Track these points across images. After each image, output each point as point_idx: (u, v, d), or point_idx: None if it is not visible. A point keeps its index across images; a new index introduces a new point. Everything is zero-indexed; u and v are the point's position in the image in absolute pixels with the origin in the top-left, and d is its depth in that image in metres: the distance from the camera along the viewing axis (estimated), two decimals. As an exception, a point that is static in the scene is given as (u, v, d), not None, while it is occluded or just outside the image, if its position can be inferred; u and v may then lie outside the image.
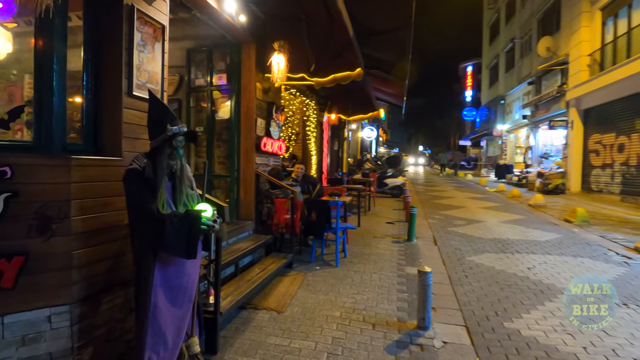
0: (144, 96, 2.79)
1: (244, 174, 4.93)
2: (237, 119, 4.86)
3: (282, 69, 4.13)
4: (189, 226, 2.23)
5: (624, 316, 3.57)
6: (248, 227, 4.81)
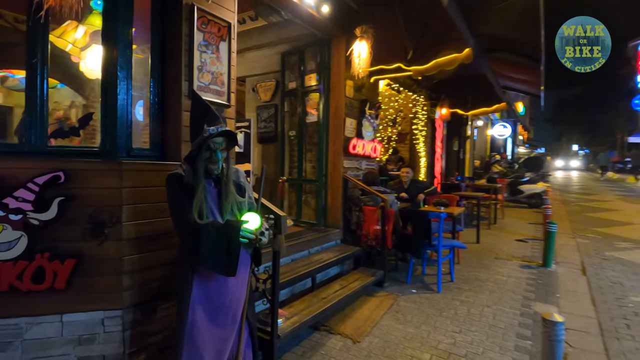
0: (207, 98, 2.67)
1: (331, 178, 4.57)
2: (325, 120, 4.53)
3: (365, 57, 3.61)
4: (227, 239, 1.94)
5: None
6: (334, 236, 4.42)
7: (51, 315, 2.11)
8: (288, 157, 5.14)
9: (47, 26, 2.25)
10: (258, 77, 5.51)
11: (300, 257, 3.81)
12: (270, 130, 5.36)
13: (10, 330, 2.05)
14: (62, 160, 2.13)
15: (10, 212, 1.94)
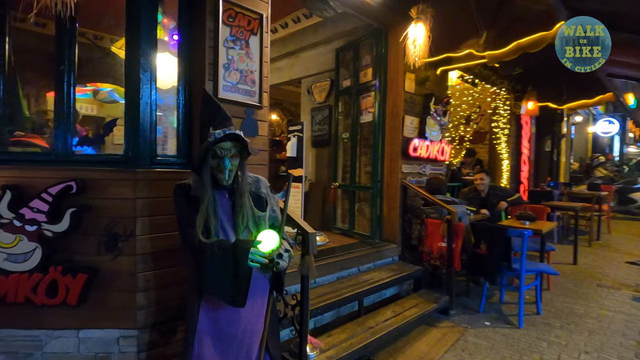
0: (234, 99, 2.44)
1: (388, 185, 4.04)
2: (381, 119, 4.03)
3: (422, 44, 3.03)
4: (235, 262, 1.64)
5: None
6: (390, 252, 3.89)
7: (67, 329, 2.03)
8: (341, 161, 4.74)
9: (73, 33, 2.21)
10: (313, 77, 5.22)
11: (348, 275, 3.38)
12: (324, 133, 5.02)
13: (31, 342, 2.01)
14: (74, 168, 2.04)
15: (26, 223, 1.89)
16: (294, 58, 5.45)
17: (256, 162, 2.58)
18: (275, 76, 5.78)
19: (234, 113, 2.45)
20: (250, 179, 1.90)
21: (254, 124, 2.54)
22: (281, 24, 5.30)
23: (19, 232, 1.88)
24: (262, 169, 2.60)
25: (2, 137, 2.17)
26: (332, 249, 3.76)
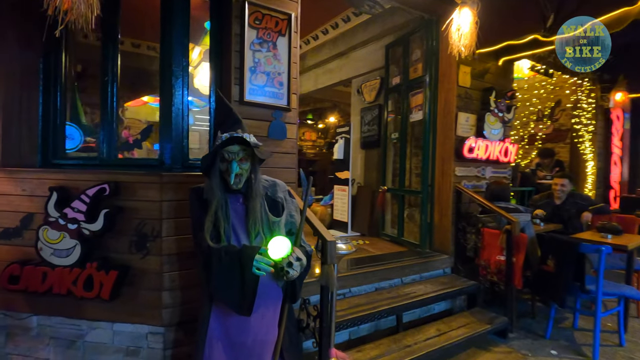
0: (261, 102, 2.42)
1: (439, 189, 3.70)
2: (432, 117, 3.71)
3: (468, 31, 2.68)
4: (241, 268, 1.60)
5: None
6: (441, 264, 3.55)
7: (104, 322, 2.17)
8: (391, 163, 4.48)
9: (115, 45, 2.39)
10: (363, 76, 5.05)
11: (388, 286, 3.15)
12: (373, 133, 4.81)
13: (74, 330, 2.20)
14: (109, 172, 2.18)
15: (69, 222, 2.07)
16: (344, 58, 5.34)
17: (284, 165, 2.53)
18: (327, 78, 5.73)
19: (261, 116, 2.44)
20: (267, 183, 1.85)
21: (281, 126, 2.49)
22: (331, 25, 5.22)
23: (63, 230, 2.07)
24: (290, 173, 2.54)
25: (57, 145, 2.42)
26: (372, 257, 3.56)
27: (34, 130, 2.37)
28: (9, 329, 2.22)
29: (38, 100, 2.37)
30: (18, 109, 2.28)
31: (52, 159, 2.42)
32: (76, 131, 2.53)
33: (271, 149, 2.46)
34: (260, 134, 2.43)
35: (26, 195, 2.18)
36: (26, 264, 2.11)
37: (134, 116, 5.70)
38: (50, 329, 2.21)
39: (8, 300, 2.18)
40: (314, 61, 5.85)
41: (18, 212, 2.19)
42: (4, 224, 2.20)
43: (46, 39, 2.29)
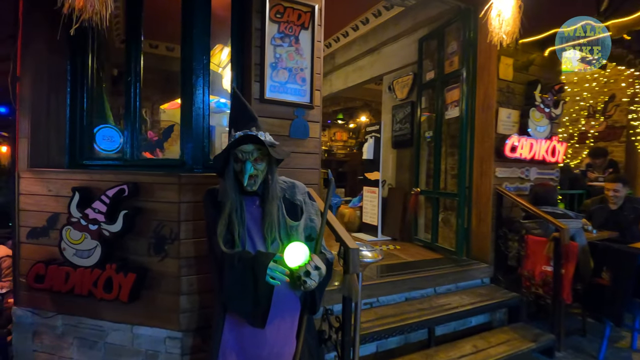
0: (282, 99, 2.30)
1: (477, 192, 3.41)
2: (469, 114, 3.43)
3: (510, 17, 2.40)
4: (254, 277, 1.49)
5: None
6: (479, 273, 3.26)
7: (123, 324, 2.15)
8: (425, 163, 4.22)
9: (139, 46, 2.38)
10: (394, 73, 4.82)
11: (420, 296, 2.92)
12: (405, 132, 4.57)
13: (97, 331, 2.19)
14: (129, 172, 2.16)
15: (90, 222, 2.06)
16: (375, 55, 5.13)
17: (306, 166, 2.40)
18: (357, 75, 5.55)
19: (283, 114, 2.32)
20: (285, 185, 1.73)
21: (304, 125, 2.36)
22: (362, 20, 5.04)
23: (85, 231, 2.07)
24: (312, 174, 2.41)
25: (83, 146, 2.45)
26: (403, 263, 3.34)
27: (62, 132, 2.41)
28: (35, 327, 2.26)
29: (66, 102, 2.41)
30: (46, 110, 2.32)
31: (80, 160, 2.45)
32: (116, 133, 2.54)
33: (292, 148, 2.34)
34: (282, 133, 2.31)
35: (52, 196, 2.21)
36: (50, 264, 2.13)
37: (171, 118, 5.85)
38: (74, 329, 2.22)
39: (35, 299, 2.22)
40: (344, 59, 5.68)
41: (45, 212, 2.22)
42: (32, 224, 2.24)
43: (73, 41, 2.33)
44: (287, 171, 2.27)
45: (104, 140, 2.46)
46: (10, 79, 2.23)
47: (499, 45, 2.61)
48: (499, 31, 2.43)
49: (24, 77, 2.23)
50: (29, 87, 2.24)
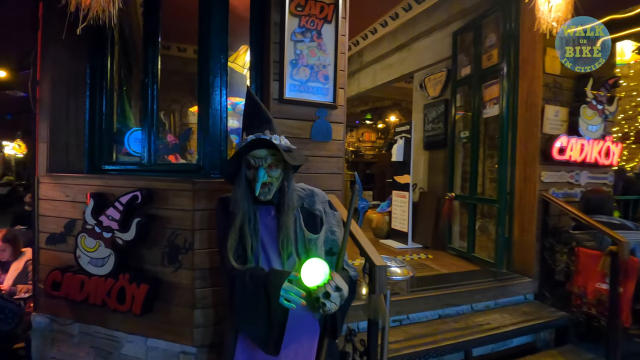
0: (303, 99, 2.14)
1: (520, 198, 3.08)
2: (510, 112, 3.11)
3: (562, 2, 2.09)
4: (266, 298, 1.34)
5: None
6: (522, 288, 2.94)
7: (137, 335, 2.07)
8: (460, 166, 3.92)
9: (156, 48, 2.29)
10: (426, 69, 4.53)
11: (455, 314, 2.65)
12: (438, 132, 4.27)
13: (112, 341, 2.12)
14: (143, 178, 2.07)
15: (104, 230, 1.99)
16: (405, 51, 4.87)
17: (329, 170, 2.22)
18: (386, 74, 5.30)
19: (303, 115, 2.16)
20: (303, 193, 1.55)
21: (326, 126, 2.19)
22: (391, 16, 4.79)
23: (99, 238, 2.00)
24: (335, 179, 2.23)
25: (102, 150, 2.40)
26: (436, 276, 3.08)
27: (81, 136, 2.37)
28: (54, 334, 2.23)
29: (85, 105, 2.37)
30: (65, 114, 2.29)
31: (99, 164, 2.41)
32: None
33: (314, 152, 2.17)
34: (302, 136, 2.15)
35: (69, 201, 2.16)
36: (67, 271, 2.08)
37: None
38: (90, 338, 2.16)
39: (53, 305, 2.18)
40: (372, 57, 5.45)
41: (62, 218, 2.18)
42: (50, 229, 2.21)
43: (92, 44, 2.28)
44: (307, 177, 2.11)
45: (136, 143, 2.41)
46: (31, 84, 2.21)
47: (547, 34, 2.32)
48: (548, 17, 2.13)
49: (43, 81, 2.21)
50: (48, 91, 2.21)
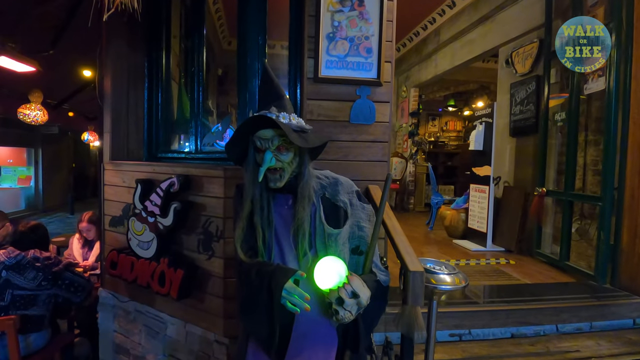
0: (341, 76, 1.92)
1: (632, 195, 2.39)
2: (621, 86, 2.42)
3: None
4: (270, 297, 1.20)
5: None
6: (631, 310, 2.28)
7: (177, 319, 2.11)
8: (554, 155, 3.24)
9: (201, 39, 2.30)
10: (513, 42, 3.85)
11: (533, 334, 2.15)
12: (528, 115, 3.60)
13: (159, 322, 2.22)
14: (182, 165, 2.09)
15: (149, 215, 2.07)
16: (488, 23, 4.21)
17: (371, 157, 1.96)
18: (466, 51, 4.69)
19: (341, 95, 1.94)
20: (326, 181, 1.35)
21: (368, 106, 1.93)
22: (471, -16, 4.21)
23: (145, 222, 2.08)
24: (379, 167, 1.96)
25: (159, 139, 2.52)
26: (515, 286, 2.60)
27: (140, 126, 2.52)
28: (115, 310, 2.42)
29: (144, 98, 2.51)
30: (126, 107, 2.45)
31: (156, 153, 2.54)
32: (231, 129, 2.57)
33: (354, 136, 1.94)
34: (341, 118, 1.93)
35: (126, 187, 2.31)
36: (121, 252, 2.22)
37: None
38: (143, 317, 2.29)
39: (113, 283, 2.37)
40: (450, 34, 4.87)
41: (120, 202, 2.34)
42: (112, 212, 2.40)
43: (150, 39, 2.39)
44: (345, 164, 1.90)
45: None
46: (97, 79, 2.41)
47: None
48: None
49: (106, 75, 2.39)
50: (110, 85, 2.39)
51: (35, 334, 2.28)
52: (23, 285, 2.19)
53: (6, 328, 2.02)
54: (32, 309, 2.23)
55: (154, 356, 2.26)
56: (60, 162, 11.70)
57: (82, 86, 5.86)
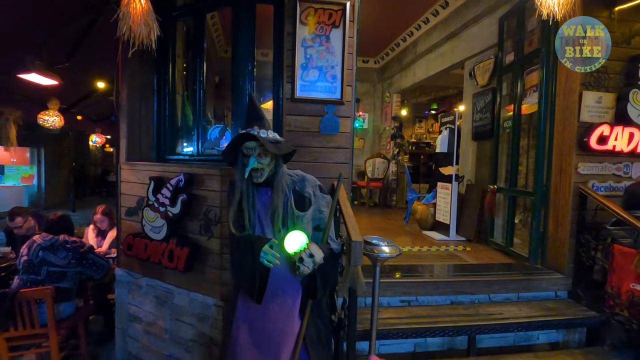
0: (312, 97, 2.45)
1: (555, 190, 2.92)
2: (548, 100, 2.94)
3: None
4: (252, 258, 1.73)
5: None
6: (551, 284, 2.82)
7: (183, 289, 2.63)
8: (504, 157, 3.77)
9: (202, 49, 2.82)
10: (476, 57, 4.38)
11: (469, 302, 2.70)
12: (485, 122, 4.13)
13: (167, 292, 2.73)
14: (187, 165, 2.60)
15: (160, 205, 2.58)
16: (456, 39, 4.75)
17: (337, 160, 2.49)
18: (438, 63, 5.22)
19: (313, 112, 2.46)
20: (295, 178, 1.90)
21: (334, 120, 2.45)
22: (441, 5, 4.74)
23: (156, 211, 2.60)
24: (343, 167, 2.48)
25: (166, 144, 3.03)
26: (461, 266, 3.13)
27: (150, 132, 3.03)
28: (130, 285, 2.93)
29: (153, 108, 3.02)
30: (138, 115, 2.96)
31: (163, 155, 3.05)
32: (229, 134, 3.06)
33: (323, 144, 2.46)
34: (313, 130, 2.45)
35: (139, 183, 2.82)
36: (136, 236, 2.73)
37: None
38: (153, 289, 2.80)
39: (128, 263, 2.88)
40: (426, 46, 5.41)
41: (135, 196, 2.85)
42: (128, 204, 2.90)
43: (158, 59, 2.89)
44: (317, 165, 2.42)
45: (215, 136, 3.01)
46: (115, 92, 2.91)
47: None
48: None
49: (122, 90, 2.89)
50: (125, 98, 2.90)
51: (65, 303, 2.79)
52: (56, 262, 2.70)
53: (45, 296, 2.54)
54: (62, 282, 2.75)
55: (162, 321, 2.77)
56: (62, 162, 12.11)
57: (88, 92, 6.34)
